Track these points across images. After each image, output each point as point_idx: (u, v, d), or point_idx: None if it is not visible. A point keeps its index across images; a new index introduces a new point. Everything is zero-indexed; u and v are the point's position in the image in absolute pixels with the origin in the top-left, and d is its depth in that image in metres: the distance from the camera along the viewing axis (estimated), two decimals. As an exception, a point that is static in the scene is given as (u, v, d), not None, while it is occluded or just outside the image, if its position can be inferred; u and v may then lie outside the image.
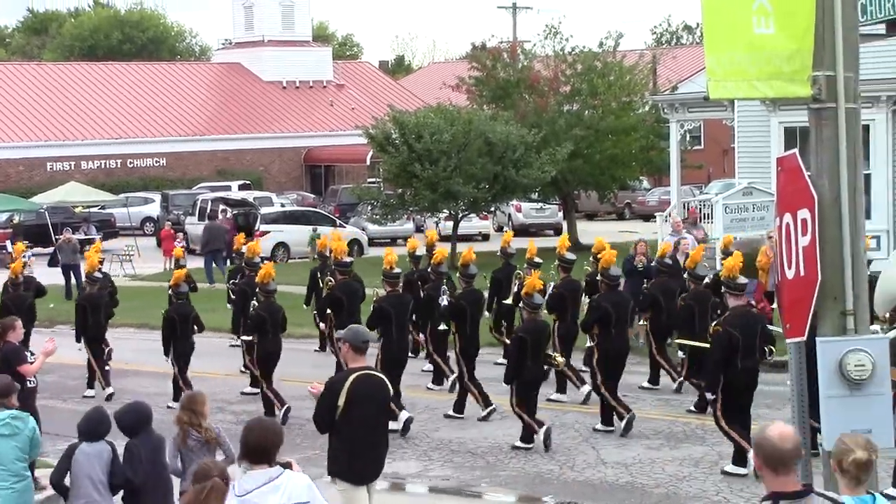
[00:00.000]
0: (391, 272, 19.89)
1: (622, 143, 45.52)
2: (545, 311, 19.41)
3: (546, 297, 19.87)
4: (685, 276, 20.90)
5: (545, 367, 18.95)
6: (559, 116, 45.25)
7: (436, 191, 41.11)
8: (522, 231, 54.14)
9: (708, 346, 16.98)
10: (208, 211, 50.97)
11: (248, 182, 67.27)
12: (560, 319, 20.86)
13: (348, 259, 22.17)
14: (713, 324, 17.04)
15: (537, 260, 22.39)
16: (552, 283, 21.36)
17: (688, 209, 29.99)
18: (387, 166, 44.30)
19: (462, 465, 17.29)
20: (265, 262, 23.60)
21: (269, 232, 47.48)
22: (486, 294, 22.53)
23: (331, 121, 77.77)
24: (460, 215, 43.78)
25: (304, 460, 17.99)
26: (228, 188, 63.15)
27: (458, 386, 20.47)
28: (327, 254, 24.31)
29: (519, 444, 17.88)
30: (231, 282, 26.78)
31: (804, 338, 9.03)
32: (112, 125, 71.80)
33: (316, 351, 26.19)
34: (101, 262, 24.17)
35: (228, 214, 48.89)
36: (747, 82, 8.65)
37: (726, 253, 21.53)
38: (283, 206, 57.14)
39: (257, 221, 48.40)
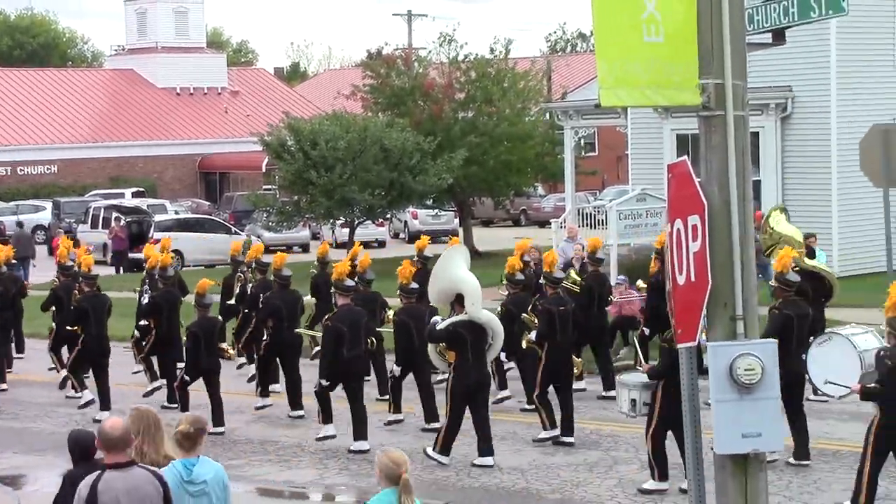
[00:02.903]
0: (88, 274, 21.93)
1: (517, 150, 45.69)
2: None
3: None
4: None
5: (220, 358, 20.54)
6: (454, 123, 45.35)
7: (332, 198, 41.02)
8: (418, 238, 54.11)
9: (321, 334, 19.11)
10: (101, 218, 50.44)
11: (141, 189, 66.66)
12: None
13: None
14: (324, 318, 19.00)
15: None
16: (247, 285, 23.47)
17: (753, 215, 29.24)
18: (282, 173, 44.13)
19: (358, 473, 17.25)
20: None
21: (162, 239, 47.05)
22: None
23: (225, 128, 77.33)
24: (356, 222, 43.72)
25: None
26: (122, 195, 62.53)
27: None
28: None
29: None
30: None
31: (695, 342, 9.12)
32: (1, 132, 70.76)
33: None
34: None
35: (122, 222, 48.35)
36: (638, 90, 8.72)
37: (592, 258, 21.95)
38: (177, 213, 56.66)
39: (151, 229, 47.92)
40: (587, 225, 36.01)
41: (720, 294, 8.83)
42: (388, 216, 48.04)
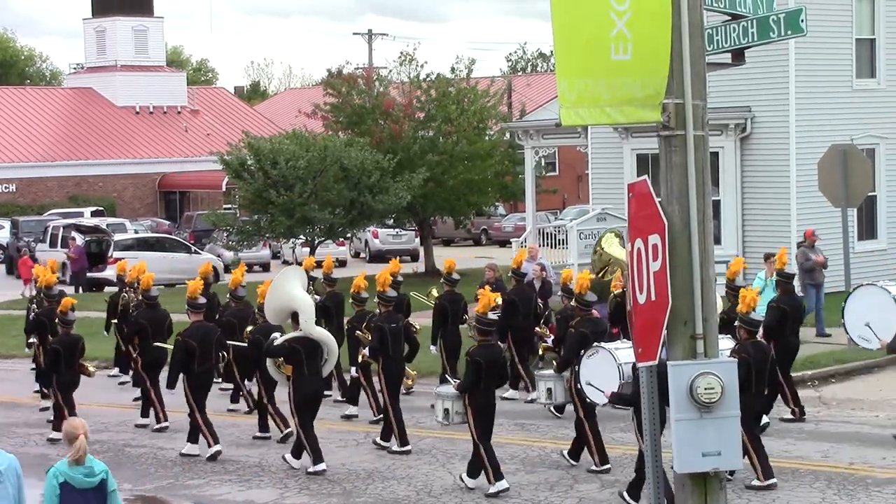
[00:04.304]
0: None
1: (477, 169, 45.74)
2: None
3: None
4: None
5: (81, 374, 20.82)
6: (413, 142, 45.36)
7: (292, 217, 40.93)
8: (379, 257, 54.22)
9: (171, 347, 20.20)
10: (59, 237, 50.20)
11: (101, 208, 66.32)
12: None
13: None
14: (176, 335, 20.00)
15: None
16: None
17: (804, 232, 29.07)
18: (242, 192, 43.99)
19: (318, 493, 17.19)
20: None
21: (122, 259, 46.88)
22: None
23: (185, 147, 77.07)
24: (317, 241, 43.64)
25: (157, 488, 17.79)
26: (81, 214, 62.18)
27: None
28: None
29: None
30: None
31: (656, 361, 9.14)
32: (-40, 150, 70.34)
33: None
34: None
35: (77, 241, 48.09)
36: (599, 108, 8.74)
37: (447, 278, 23.07)
38: (137, 232, 56.42)
39: (111, 248, 47.69)
40: (548, 244, 36.08)
41: (680, 313, 8.86)
42: (349, 235, 47.97)
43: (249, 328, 21.00)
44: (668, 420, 9.20)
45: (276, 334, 18.67)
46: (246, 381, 20.78)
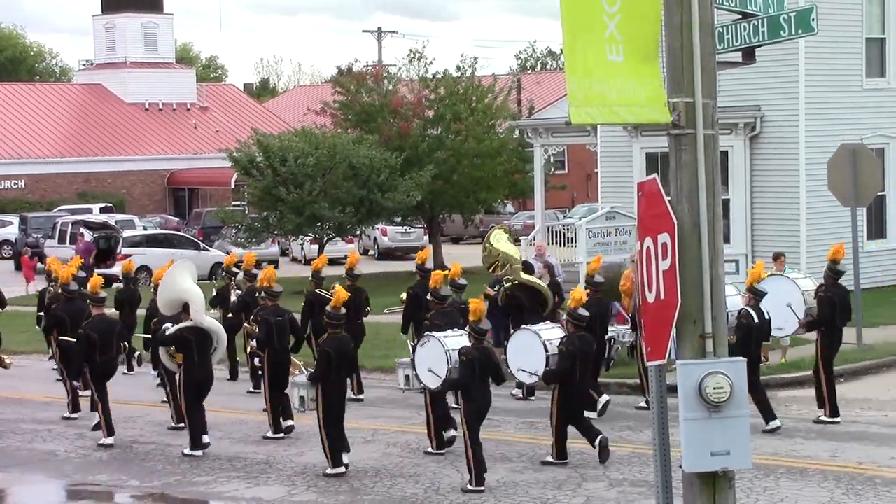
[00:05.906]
0: None
1: (485, 166, 45.73)
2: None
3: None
4: None
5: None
6: (422, 140, 45.34)
7: (301, 214, 40.95)
8: (388, 255, 54.26)
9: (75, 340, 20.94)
10: (68, 233, 50.27)
11: (109, 205, 66.41)
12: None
13: None
14: (80, 328, 20.73)
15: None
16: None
17: None
18: (251, 189, 44.05)
19: (326, 490, 17.19)
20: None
21: (131, 255, 46.95)
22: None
23: (195, 143, 77.13)
24: (326, 238, 43.65)
25: (165, 485, 17.80)
26: (90, 211, 62.26)
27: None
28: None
29: None
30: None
31: (665, 360, 9.12)
32: (-31, 146, 70.41)
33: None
34: None
35: (86, 237, 48.14)
36: (608, 107, 8.73)
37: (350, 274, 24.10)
38: (145, 229, 56.48)
39: (119, 244, 47.74)
40: (557, 242, 36.05)
41: (689, 312, 8.83)
42: (358, 233, 48.00)
43: (154, 319, 21.75)
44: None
45: (169, 324, 19.59)
46: (152, 370, 21.85)
